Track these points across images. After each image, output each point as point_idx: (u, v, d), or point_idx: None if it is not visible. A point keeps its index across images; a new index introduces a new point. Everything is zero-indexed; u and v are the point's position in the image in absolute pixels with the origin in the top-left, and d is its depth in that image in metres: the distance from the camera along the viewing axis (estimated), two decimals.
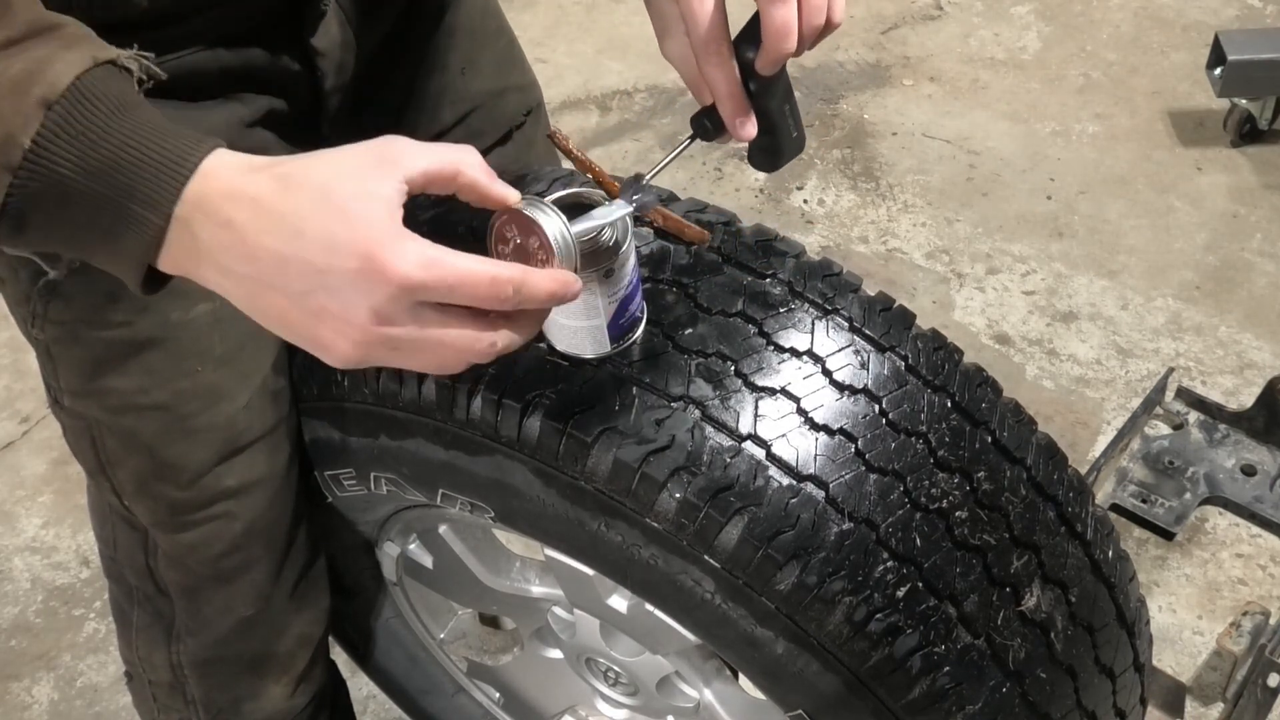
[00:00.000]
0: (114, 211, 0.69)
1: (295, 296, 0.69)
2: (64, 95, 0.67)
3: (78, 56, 0.68)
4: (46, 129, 0.67)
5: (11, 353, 2.48)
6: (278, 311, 0.71)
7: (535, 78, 1.31)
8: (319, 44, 0.98)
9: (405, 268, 0.68)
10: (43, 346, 1.07)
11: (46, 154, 0.67)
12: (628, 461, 0.93)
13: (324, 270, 0.68)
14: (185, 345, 1.03)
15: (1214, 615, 1.94)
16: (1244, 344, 2.35)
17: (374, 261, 0.67)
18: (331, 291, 0.68)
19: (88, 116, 0.67)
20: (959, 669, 0.94)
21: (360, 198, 0.69)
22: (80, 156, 0.67)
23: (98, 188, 0.68)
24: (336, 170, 0.70)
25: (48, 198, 0.68)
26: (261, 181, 0.69)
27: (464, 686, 1.57)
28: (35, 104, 0.67)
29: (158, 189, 0.68)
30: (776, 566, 0.91)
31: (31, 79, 0.67)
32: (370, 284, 0.68)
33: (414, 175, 0.71)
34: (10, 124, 0.66)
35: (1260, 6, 3.15)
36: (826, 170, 2.78)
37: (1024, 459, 1.00)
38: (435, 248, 0.69)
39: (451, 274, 0.69)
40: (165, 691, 1.32)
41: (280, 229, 0.68)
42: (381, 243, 0.68)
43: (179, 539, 1.15)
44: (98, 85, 0.68)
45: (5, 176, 0.67)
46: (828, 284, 1.00)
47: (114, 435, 1.09)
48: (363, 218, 0.68)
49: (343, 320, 0.69)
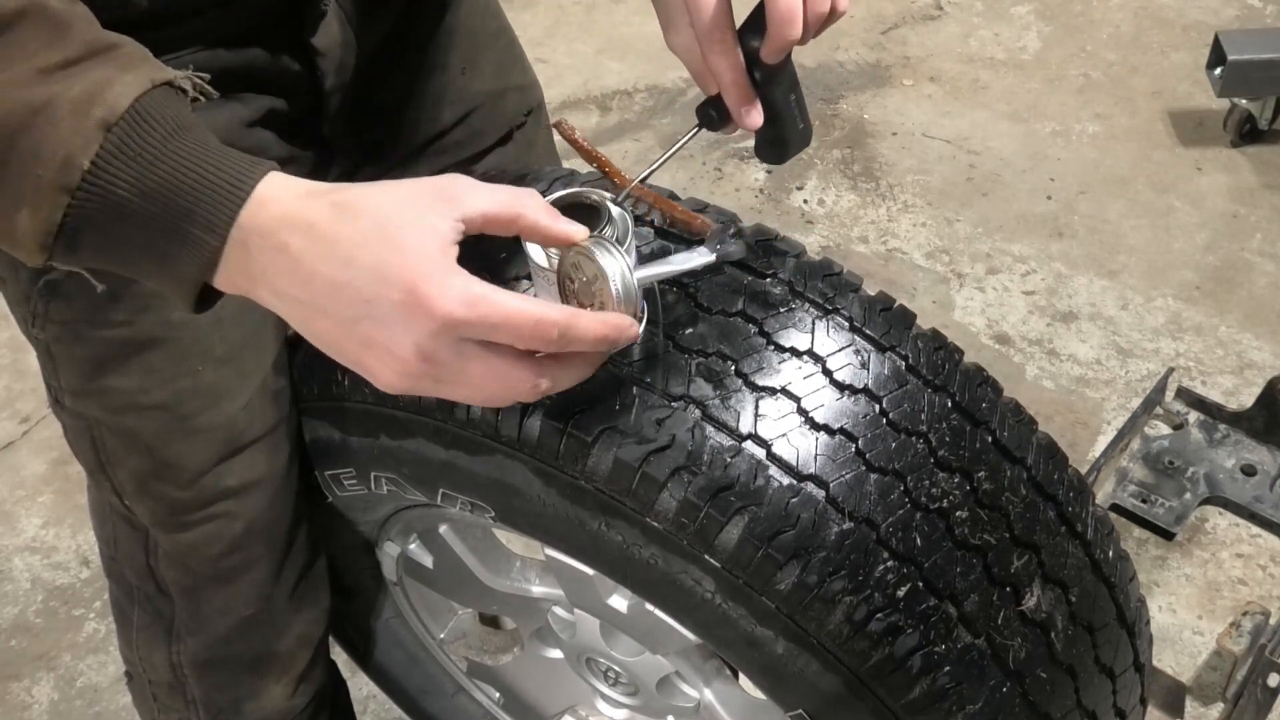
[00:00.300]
0: (170, 233, 0.69)
1: (345, 323, 0.70)
2: (123, 117, 0.67)
3: (136, 78, 0.68)
4: (105, 150, 0.67)
5: (11, 353, 2.48)
6: (329, 336, 0.72)
7: (536, 78, 1.31)
8: (319, 44, 0.98)
9: (448, 305, 0.68)
10: (43, 346, 1.07)
11: (105, 175, 0.67)
12: (628, 461, 0.93)
13: (371, 300, 0.68)
14: (186, 345, 1.03)
15: (1214, 615, 1.94)
16: (1244, 344, 2.35)
17: (418, 295, 0.68)
18: (378, 321, 0.69)
19: (145, 138, 0.68)
20: (959, 668, 0.94)
21: (414, 228, 0.69)
22: (138, 178, 0.68)
23: (154, 209, 0.68)
24: (394, 201, 0.70)
25: (104, 217, 0.68)
26: (318, 208, 0.70)
27: (464, 686, 1.57)
28: (95, 126, 0.67)
29: (215, 211, 0.69)
30: (777, 566, 0.92)
31: (91, 101, 0.67)
32: (414, 317, 0.68)
33: (473, 215, 0.72)
34: (70, 145, 0.66)
35: (1260, 6, 3.15)
36: (826, 170, 2.78)
37: (1024, 459, 1.00)
38: (482, 285, 0.69)
39: (495, 313, 0.69)
40: (165, 691, 1.32)
41: (334, 256, 0.69)
42: (428, 276, 0.68)
43: (179, 539, 1.15)
44: (155, 107, 0.69)
45: (64, 197, 0.67)
46: (828, 284, 1.00)
47: (114, 435, 1.09)
48: (413, 250, 0.68)
49: (387, 350, 0.70)
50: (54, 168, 0.67)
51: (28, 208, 0.68)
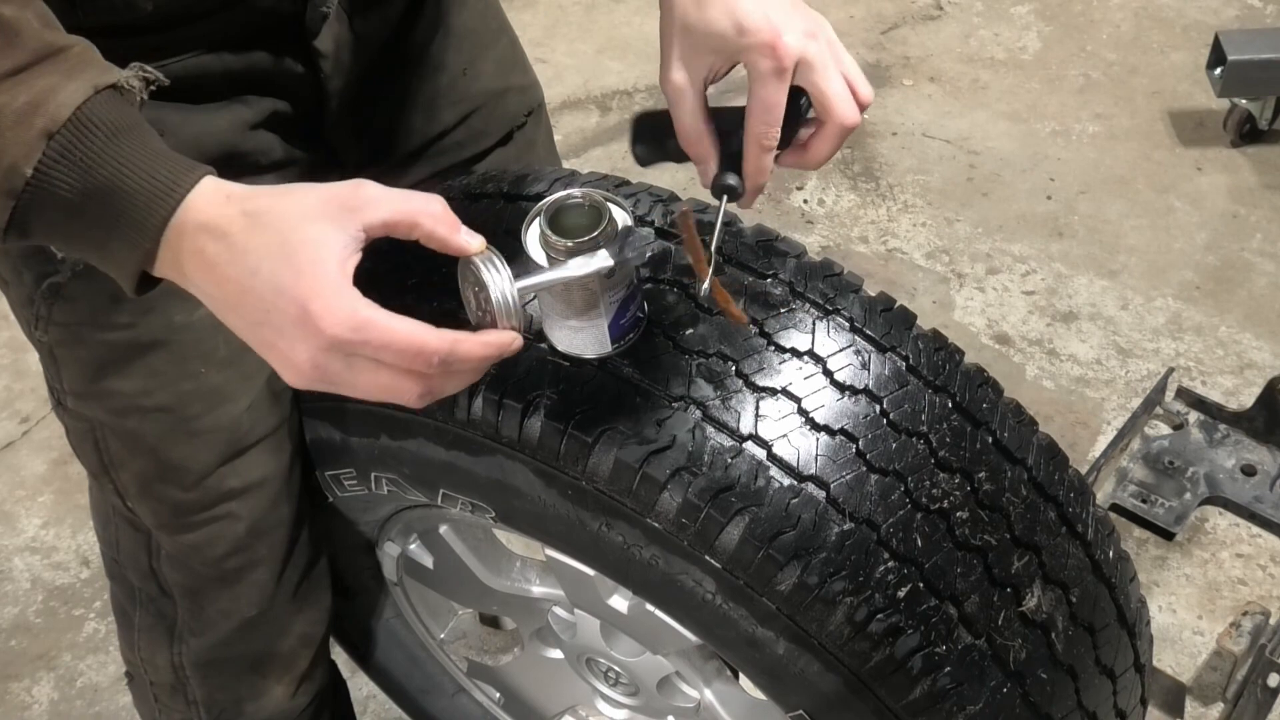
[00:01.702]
0: (108, 230, 0.74)
1: (250, 325, 0.75)
2: (65, 125, 0.71)
3: (80, 86, 0.72)
4: (48, 157, 0.71)
5: (11, 353, 2.48)
6: (240, 331, 0.77)
7: (536, 78, 1.31)
8: (322, 46, 0.98)
9: (335, 328, 0.72)
10: (46, 348, 1.07)
11: (47, 179, 0.71)
12: (629, 462, 0.93)
13: (270, 310, 0.73)
14: (188, 347, 1.03)
15: (1214, 615, 1.94)
16: (1244, 344, 2.35)
17: (309, 314, 0.72)
18: (276, 330, 0.74)
19: (86, 143, 0.72)
20: (960, 669, 0.94)
21: (312, 245, 0.73)
22: (78, 180, 0.72)
23: (94, 209, 0.73)
24: (300, 212, 0.74)
25: (49, 213, 0.73)
26: (233, 216, 0.74)
27: (464, 686, 1.57)
28: (38, 135, 0.71)
29: (147, 215, 0.73)
30: (777, 567, 0.92)
31: (35, 110, 0.70)
32: (305, 333, 0.73)
33: (373, 223, 0.75)
34: (14, 154, 0.70)
35: (1260, 6, 3.15)
36: (826, 170, 2.78)
37: (1025, 459, 1.00)
38: (371, 308, 0.73)
39: (378, 338, 0.73)
40: (167, 692, 1.32)
41: (241, 264, 0.73)
42: (320, 296, 0.72)
43: (182, 540, 1.15)
44: (97, 112, 0.72)
45: (9, 201, 0.71)
46: (829, 284, 1.01)
47: (117, 437, 1.10)
48: (308, 269, 0.72)
49: (284, 356, 0.75)
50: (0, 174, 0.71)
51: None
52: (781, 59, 0.86)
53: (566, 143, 2.85)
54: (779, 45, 0.86)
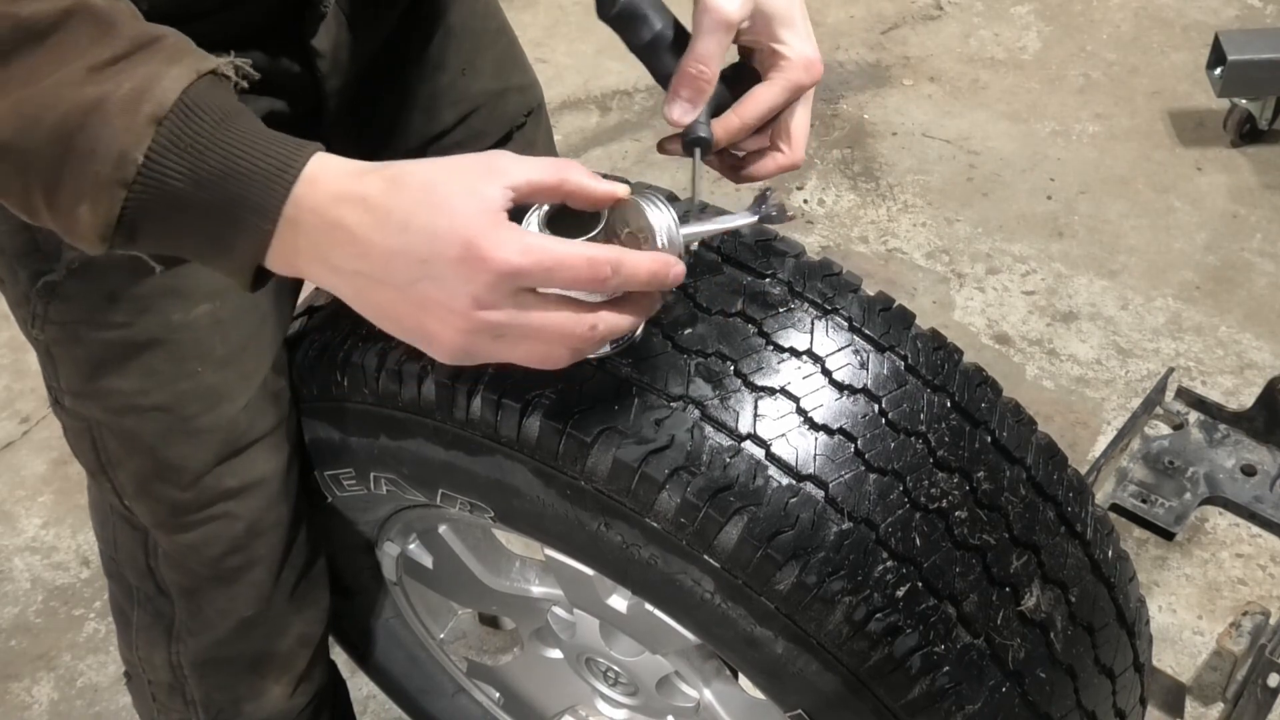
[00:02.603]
0: (223, 218, 0.72)
1: (402, 288, 0.72)
2: (172, 111, 0.70)
3: (182, 71, 0.71)
4: (157, 144, 0.69)
5: (11, 353, 2.48)
6: (387, 304, 0.74)
7: (536, 78, 1.31)
8: (319, 45, 0.98)
9: (504, 253, 0.71)
10: (43, 347, 1.07)
11: (158, 168, 0.70)
12: (627, 461, 0.93)
13: (428, 259, 0.71)
14: (186, 346, 1.03)
15: (1214, 615, 1.94)
16: (1244, 344, 2.35)
17: (474, 249, 0.70)
18: (436, 280, 0.71)
19: (195, 129, 0.70)
20: (958, 669, 0.94)
21: (463, 194, 0.72)
22: (190, 168, 0.70)
23: (208, 197, 0.71)
24: (443, 172, 0.73)
25: (160, 208, 0.71)
26: (371, 182, 0.72)
27: (464, 686, 1.57)
28: (146, 121, 0.69)
29: (266, 195, 0.71)
30: (776, 566, 0.92)
31: (141, 97, 0.69)
32: (471, 270, 0.71)
33: (520, 183, 0.74)
34: (123, 141, 0.69)
35: (1260, 6, 3.15)
36: (826, 170, 2.78)
37: (1024, 459, 1.00)
38: (535, 235, 0.73)
39: (549, 257, 0.72)
40: (165, 692, 1.32)
41: (388, 225, 0.71)
42: (482, 232, 0.71)
43: (180, 539, 1.15)
44: (202, 97, 0.71)
45: (120, 191, 0.70)
46: (827, 284, 1.01)
47: (115, 436, 1.10)
48: (464, 210, 0.71)
49: (447, 308, 0.72)
50: (110, 164, 0.69)
51: (87, 203, 0.70)
52: (814, 73, 0.95)
53: (566, 143, 2.85)
54: (816, 61, 0.94)
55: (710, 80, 0.89)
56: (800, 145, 0.94)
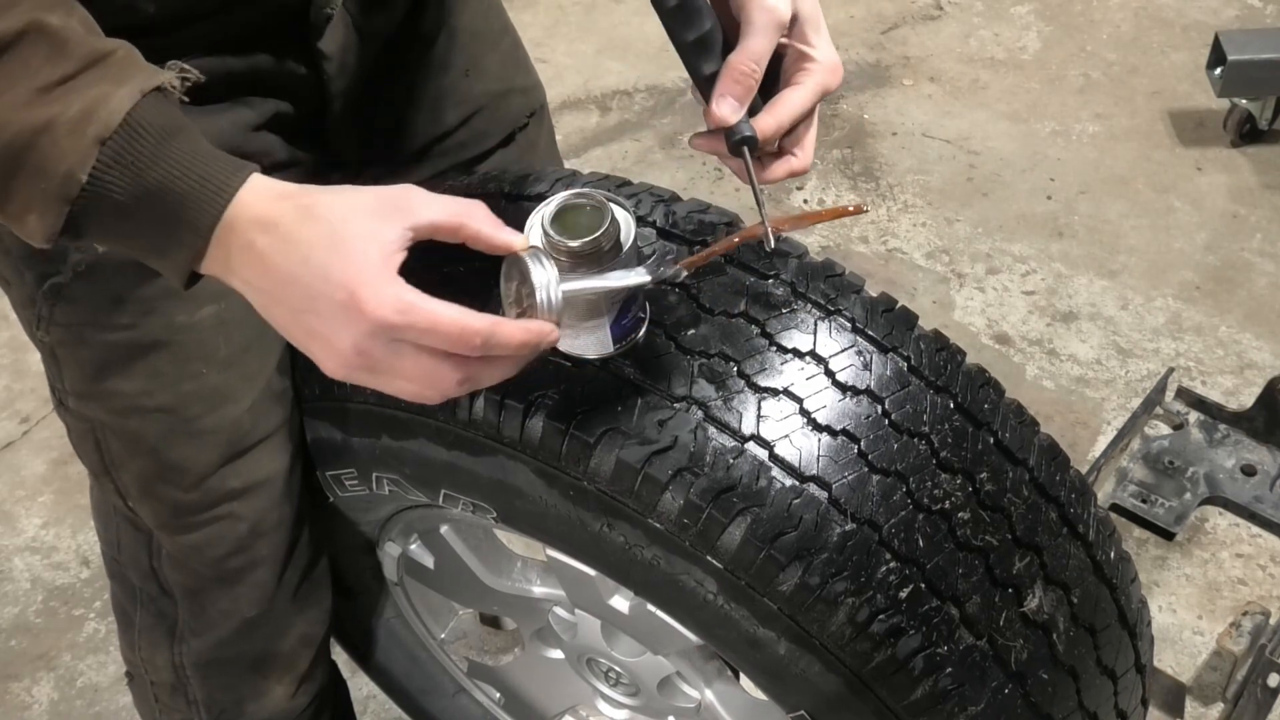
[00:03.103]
0: (161, 229, 0.76)
1: (294, 314, 0.77)
2: (117, 131, 0.73)
3: (128, 91, 0.74)
4: (101, 162, 0.73)
5: (11, 353, 2.48)
6: (282, 323, 0.80)
7: (539, 79, 1.31)
8: (325, 47, 0.98)
9: (381, 310, 0.74)
10: (48, 349, 1.07)
11: (101, 183, 0.74)
12: (630, 462, 0.93)
13: (316, 298, 0.75)
14: (190, 348, 1.03)
15: (1214, 615, 1.94)
16: (1244, 344, 2.35)
17: (356, 299, 0.75)
18: (321, 317, 0.76)
19: (138, 147, 0.74)
20: (961, 670, 0.94)
21: (362, 238, 0.76)
22: (131, 183, 0.74)
23: (146, 210, 0.75)
24: (352, 208, 0.77)
25: (102, 215, 0.75)
26: (286, 210, 0.77)
27: (464, 686, 1.57)
28: (91, 142, 0.72)
29: (199, 215, 0.76)
30: (779, 567, 0.92)
31: (88, 119, 0.72)
32: (350, 318, 0.75)
33: (421, 224, 0.78)
34: (69, 161, 0.72)
35: (1260, 6, 3.15)
36: (826, 170, 2.78)
37: (1026, 460, 1.00)
38: (414, 294, 0.76)
39: (423, 320, 0.75)
40: (167, 692, 1.32)
41: (291, 255, 0.76)
42: (366, 283, 0.75)
43: (183, 540, 1.15)
44: (146, 115, 0.74)
45: (65, 205, 0.74)
46: (830, 285, 1.01)
47: (118, 437, 1.10)
48: (356, 257, 0.75)
49: (328, 343, 0.77)
50: (56, 181, 0.73)
51: (35, 213, 0.74)
52: (837, 74, 0.93)
53: (566, 143, 2.85)
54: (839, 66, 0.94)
55: (758, 79, 0.90)
56: (810, 150, 0.96)
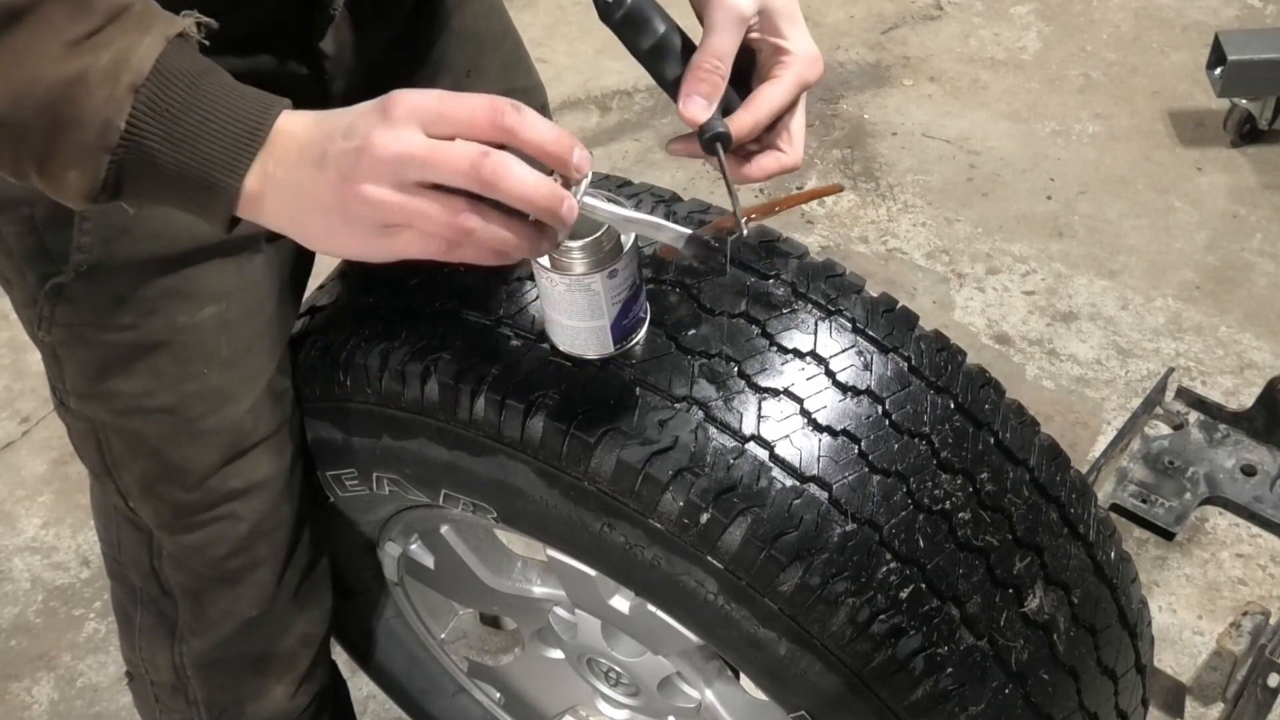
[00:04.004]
0: (198, 175, 0.77)
1: (332, 158, 0.76)
2: (149, 78, 0.74)
3: (153, 39, 0.75)
4: (136, 110, 0.74)
5: (11, 353, 2.48)
6: (311, 188, 0.78)
7: (540, 80, 1.31)
8: (327, 48, 0.98)
9: (395, 145, 0.76)
10: (49, 349, 1.07)
11: (138, 132, 0.74)
12: (631, 462, 0.93)
13: (343, 155, 0.76)
14: (192, 348, 1.04)
15: (1214, 615, 1.94)
16: (1244, 344, 2.35)
17: (393, 98, 0.77)
18: (357, 130, 0.76)
19: (169, 93, 0.75)
20: (962, 670, 0.94)
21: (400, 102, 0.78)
22: (166, 130, 0.75)
23: (183, 157, 0.76)
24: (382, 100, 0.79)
25: (140, 167, 0.76)
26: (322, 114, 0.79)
27: (465, 686, 1.57)
28: (125, 90, 0.73)
29: (236, 156, 0.77)
30: (780, 568, 0.92)
31: (119, 68, 0.73)
32: (389, 114, 0.76)
33: None
34: (107, 110, 0.73)
35: (1260, 6, 3.15)
36: (826, 170, 2.78)
37: (1026, 460, 1.00)
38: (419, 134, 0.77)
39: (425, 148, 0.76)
40: (168, 692, 1.32)
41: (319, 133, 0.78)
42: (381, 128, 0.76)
43: (184, 540, 1.15)
44: (172, 62, 0.75)
45: (105, 156, 0.74)
46: (831, 285, 1.01)
47: (120, 437, 1.10)
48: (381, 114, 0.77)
49: (357, 198, 0.76)
50: (94, 131, 0.73)
51: (76, 168, 0.75)
52: (817, 67, 0.93)
53: None
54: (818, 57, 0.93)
55: (725, 76, 0.90)
56: (800, 144, 0.95)
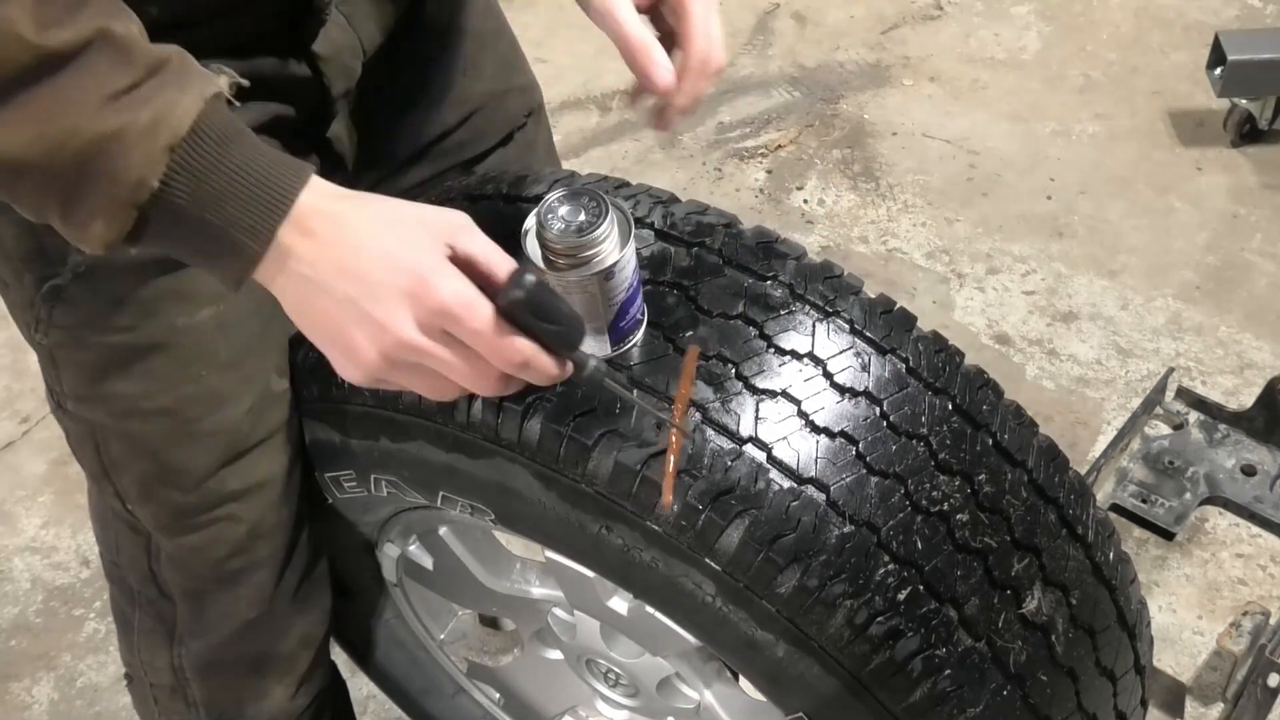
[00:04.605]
0: (219, 235, 0.77)
1: (343, 302, 0.78)
2: (184, 138, 0.74)
3: (193, 99, 0.75)
4: (169, 169, 0.74)
5: (11, 353, 2.48)
6: (322, 316, 0.80)
7: (535, 79, 1.31)
8: (321, 50, 0.98)
9: (446, 297, 0.77)
10: (46, 351, 1.07)
11: (167, 189, 0.74)
12: (628, 465, 0.93)
13: (376, 284, 0.77)
14: (190, 350, 1.03)
15: (1214, 615, 1.94)
16: (1244, 344, 2.35)
17: (424, 283, 0.77)
18: (379, 302, 0.77)
19: (200, 153, 0.75)
20: (960, 672, 0.94)
21: (420, 233, 0.79)
22: (193, 188, 0.75)
23: (207, 216, 0.76)
24: (408, 209, 0.81)
25: (163, 221, 0.76)
26: (344, 207, 0.79)
27: (464, 687, 1.57)
28: (162, 149, 0.73)
29: (260, 220, 0.77)
30: (777, 569, 0.92)
31: (158, 126, 0.73)
32: (416, 301, 0.77)
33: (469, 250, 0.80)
34: (142, 169, 0.73)
35: (1260, 6, 3.15)
36: (826, 170, 2.78)
37: (1025, 461, 1.00)
38: (475, 290, 0.78)
39: (480, 320, 0.78)
40: (167, 694, 1.32)
41: (349, 243, 0.78)
42: (434, 269, 0.78)
43: (182, 542, 1.15)
44: (207, 121, 0.75)
45: (134, 211, 0.74)
46: (829, 286, 1.00)
47: (118, 440, 1.10)
48: (419, 247, 0.78)
49: (380, 327, 0.78)
50: (128, 188, 0.73)
51: (102, 219, 0.75)
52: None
53: (566, 143, 2.85)
54: None
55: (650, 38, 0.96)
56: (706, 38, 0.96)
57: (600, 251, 0.88)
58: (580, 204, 0.88)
